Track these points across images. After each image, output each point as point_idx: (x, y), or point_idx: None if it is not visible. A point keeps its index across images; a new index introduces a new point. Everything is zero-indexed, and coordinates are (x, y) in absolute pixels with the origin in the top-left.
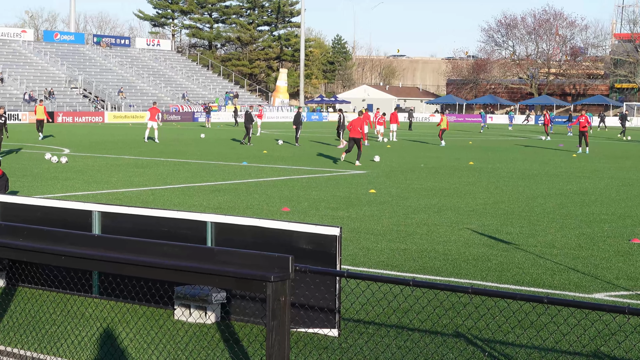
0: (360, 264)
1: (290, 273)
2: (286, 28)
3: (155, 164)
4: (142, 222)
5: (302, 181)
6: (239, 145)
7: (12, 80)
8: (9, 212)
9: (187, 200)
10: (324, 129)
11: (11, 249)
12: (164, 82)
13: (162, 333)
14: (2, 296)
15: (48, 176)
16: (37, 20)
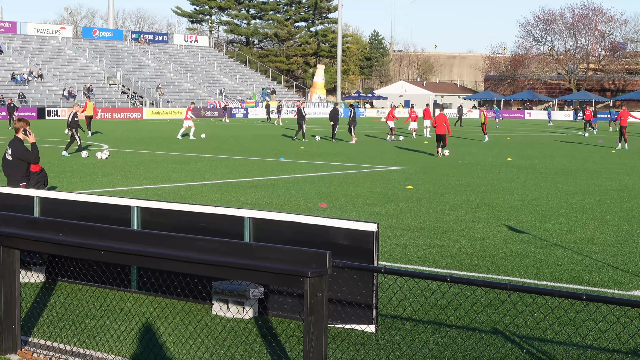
0: (397, 260)
1: (327, 269)
2: (323, 24)
3: (193, 160)
4: (180, 217)
5: (339, 177)
6: (275, 141)
7: (52, 77)
8: (48, 207)
9: (225, 196)
10: (360, 125)
11: (51, 243)
12: (201, 79)
13: (200, 328)
14: (43, 290)
15: (87, 172)
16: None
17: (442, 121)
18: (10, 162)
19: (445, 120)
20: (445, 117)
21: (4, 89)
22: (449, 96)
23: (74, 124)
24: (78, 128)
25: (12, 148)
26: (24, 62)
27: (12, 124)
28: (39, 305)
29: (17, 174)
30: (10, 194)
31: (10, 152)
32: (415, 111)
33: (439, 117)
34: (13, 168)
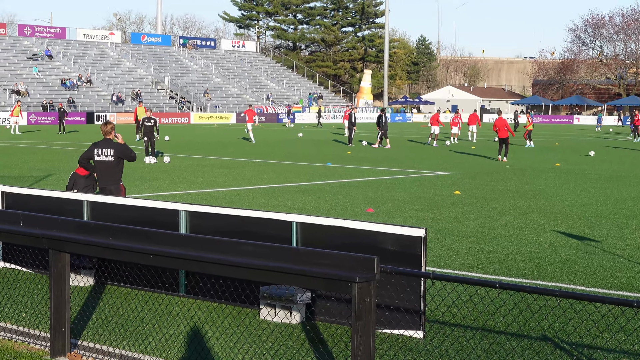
0: (444, 265)
1: (375, 274)
2: (370, 29)
3: (240, 164)
4: (228, 222)
5: (386, 182)
6: (323, 145)
7: (100, 82)
8: (98, 211)
9: (272, 201)
10: (408, 130)
11: (101, 247)
12: (248, 84)
13: (247, 332)
14: (92, 294)
15: (135, 176)
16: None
17: (503, 125)
18: (111, 163)
19: (506, 124)
20: (505, 120)
21: (54, 94)
22: (496, 101)
23: (146, 129)
24: (151, 133)
25: (114, 148)
26: (74, 68)
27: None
28: (88, 308)
29: (117, 174)
30: (60, 198)
31: (113, 152)
32: (458, 116)
33: (499, 121)
34: (114, 168)
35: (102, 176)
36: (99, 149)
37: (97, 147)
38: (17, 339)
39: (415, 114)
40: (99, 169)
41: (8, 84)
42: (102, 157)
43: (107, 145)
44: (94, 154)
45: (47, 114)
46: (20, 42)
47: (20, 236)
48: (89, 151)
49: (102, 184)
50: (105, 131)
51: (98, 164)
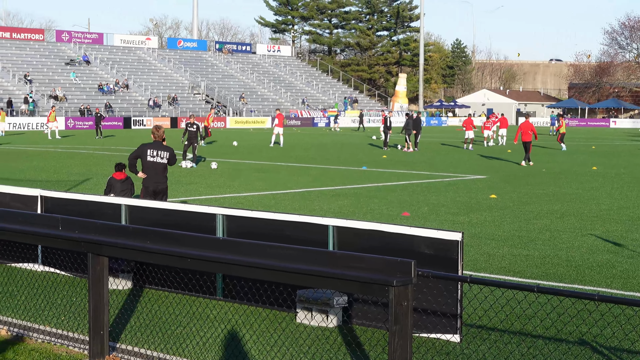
0: (481, 269)
1: (412, 278)
2: (405, 33)
3: (276, 168)
4: (264, 225)
5: (422, 186)
6: (358, 149)
7: (137, 87)
8: (135, 215)
9: (308, 205)
10: (443, 134)
11: (139, 251)
12: (284, 88)
13: (285, 336)
14: (130, 297)
15: (172, 180)
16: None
17: (528, 128)
18: (164, 165)
19: (532, 127)
20: (531, 124)
21: (91, 99)
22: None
23: (189, 134)
24: (194, 138)
25: (169, 152)
26: (111, 73)
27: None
28: (126, 311)
29: (165, 175)
30: (98, 202)
31: (168, 155)
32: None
33: (524, 124)
34: (164, 169)
35: (155, 176)
36: (153, 151)
37: (151, 149)
38: (56, 342)
39: (451, 117)
40: (152, 169)
41: (46, 89)
42: (157, 159)
43: (161, 147)
44: (147, 155)
45: (84, 119)
46: (58, 48)
47: (59, 240)
48: (140, 151)
49: (154, 184)
50: (159, 135)
51: (151, 165)
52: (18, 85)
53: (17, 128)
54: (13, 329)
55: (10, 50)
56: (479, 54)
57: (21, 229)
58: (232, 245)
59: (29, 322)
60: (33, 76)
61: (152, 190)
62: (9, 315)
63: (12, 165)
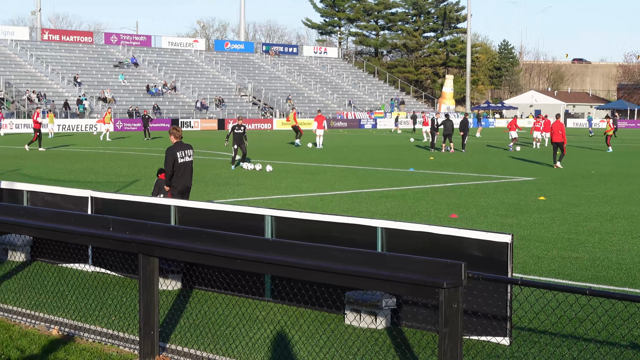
0: (530, 272)
1: (463, 280)
2: (452, 34)
3: (323, 170)
4: (313, 227)
5: (470, 188)
6: (405, 151)
7: (185, 89)
8: (185, 216)
9: (355, 206)
10: (490, 135)
11: (189, 252)
12: (330, 90)
13: (333, 338)
14: (180, 298)
15: (220, 182)
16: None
17: (558, 128)
18: (190, 163)
19: (562, 128)
20: (562, 124)
21: (139, 101)
22: (580, 106)
23: (235, 136)
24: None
25: (191, 149)
26: (158, 75)
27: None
28: (175, 312)
29: (192, 173)
30: (148, 203)
31: (192, 152)
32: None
33: (555, 125)
34: (191, 168)
35: (186, 175)
36: (182, 151)
37: (179, 150)
38: (106, 341)
39: (498, 119)
40: (183, 170)
41: (95, 91)
42: (186, 158)
43: (186, 147)
44: (178, 158)
45: (132, 121)
46: (106, 51)
47: (110, 240)
48: (173, 157)
49: (184, 184)
50: (180, 135)
51: (183, 166)
52: (67, 87)
53: (66, 129)
54: (64, 329)
55: (59, 52)
56: (526, 55)
57: (73, 230)
58: (282, 247)
59: (80, 322)
60: (82, 78)
61: (180, 190)
62: (60, 315)
63: (62, 167)
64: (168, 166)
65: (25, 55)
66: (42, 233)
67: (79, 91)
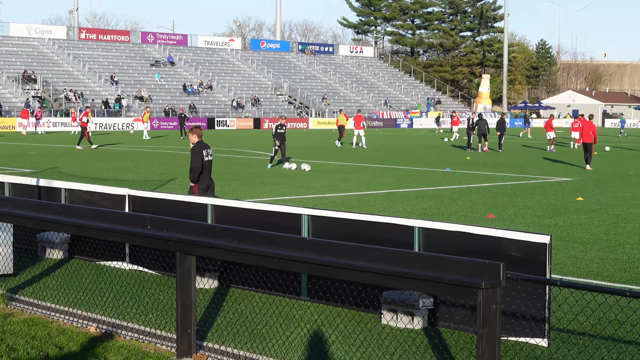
0: (568, 273)
1: (501, 280)
2: (489, 33)
3: (358, 169)
4: (349, 226)
5: (507, 188)
6: (442, 151)
7: (221, 88)
8: (221, 215)
9: (392, 206)
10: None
11: (226, 250)
12: (366, 89)
13: (370, 337)
14: (217, 296)
15: (255, 181)
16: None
17: (589, 129)
18: (211, 161)
19: (592, 129)
20: (593, 125)
21: (176, 100)
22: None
23: (278, 136)
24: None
25: (210, 148)
26: (195, 74)
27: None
28: (212, 310)
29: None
30: (185, 202)
31: (212, 153)
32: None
33: (586, 125)
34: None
35: (208, 174)
36: (206, 150)
37: (204, 149)
38: (144, 339)
39: (535, 119)
40: (208, 168)
41: (132, 90)
42: (209, 157)
43: (207, 146)
44: (204, 156)
45: (169, 119)
46: (143, 50)
47: (148, 239)
48: (200, 156)
49: (207, 181)
50: (201, 134)
51: (207, 164)
52: (104, 86)
53: (102, 128)
54: (102, 326)
55: (96, 51)
56: (564, 55)
57: (111, 228)
58: (319, 246)
59: (118, 319)
60: (119, 77)
61: (204, 187)
62: (97, 312)
63: (99, 165)
64: (197, 163)
65: (63, 54)
66: (80, 231)
67: (116, 90)
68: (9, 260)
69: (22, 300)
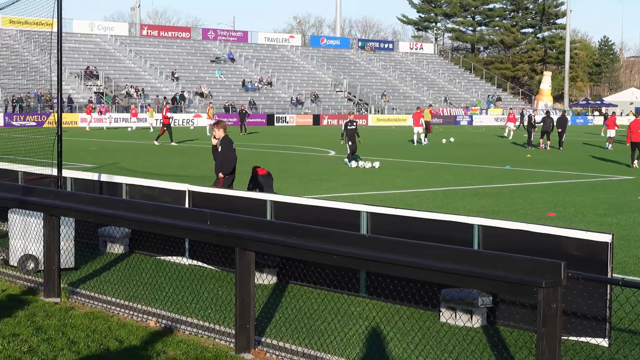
0: (629, 272)
1: (562, 279)
2: (550, 30)
3: (417, 166)
4: (408, 223)
5: (567, 186)
6: (502, 149)
7: (281, 84)
8: (280, 211)
9: (450, 203)
10: (588, 133)
11: (285, 246)
12: (426, 86)
13: (429, 335)
14: (275, 292)
15: (313, 178)
16: (305, 26)
17: (638, 127)
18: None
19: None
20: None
21: (236, 96)
22: None
23: (348, 132)
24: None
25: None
26: (255, 70)
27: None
28: (271, 306)
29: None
30: (244, 197)
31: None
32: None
33: (634, 123)
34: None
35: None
36: (234, 144)
37: (233, 143)
38: (203, 334)
39: (597, 116)
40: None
41: (192, 86)
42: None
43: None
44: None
45: (229, 116)
46: (204, 46)
47: (207, 234)
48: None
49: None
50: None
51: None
52: (165, 82)
53: None
54: (161, 321)
55: (158, 48)
56: (627, 52)
57: (171, 223)
58: (378, 243)
59: (177, 314)
60: (180, 73)
61: (230, 182)
62: (157, 307)
63: (159, 161)
64: (233, 154)
65: (125, 50)
66: (141, 226)
67: (177, 86)
68: (71, 254)
69: (83, 294)
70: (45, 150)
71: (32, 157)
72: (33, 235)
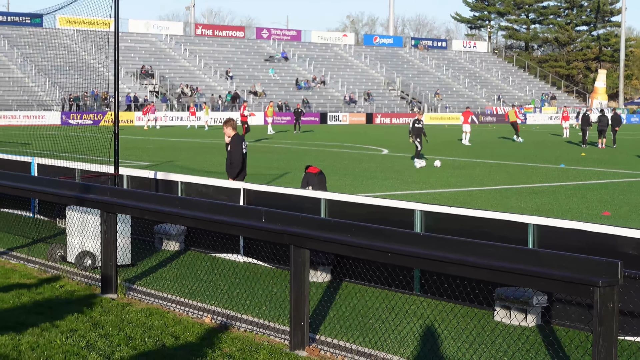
0: None
1: (619, 279)
2: (605, 28)
3: (471, 165)
4: (462, 222)
5: (622, 185)
6: (556, 147)
7: (334, 83)
8: (334, 209)
9: (505, 202)
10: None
11: (340, 244)
12: (479, 84)
13: (483, 334)
14: (329, 290)
15: (367, 175)
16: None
17: None
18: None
19: None
20: None
21: (289, 95)
22: None
23: (415, 130)
24: (420, 135)
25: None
26: (308, 69)
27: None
28: (325, 304)
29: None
30: (298, 196)
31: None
32: None
33: None
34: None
35: (245, 166)
36: (244, 143)
37: (243, 142)
38: (257, 331)
39: None
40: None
41: (246, 85)
42: (246, 150)
43: (243, 138)
44: (243, 149)
45: (282, 114)
46: (257, 45)
47: (262, 232)
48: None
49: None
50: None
51: (245, 157)
52: (219, 81)
53: (217, 122)
54: (217, 317)
55: (212, 47)
56: None
57: (227, 221)
58: (432, 241)
59: (232, 311)
60: (234, 72)
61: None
62: (212, 303)
63: (213, 159)
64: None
65: (180, 49)
66: (197, 223)
67: (231, 85)
68: (127, 251)
69: (140, 290)
70: (102, 148)
71: (89, 155)
72: (90, 232)
